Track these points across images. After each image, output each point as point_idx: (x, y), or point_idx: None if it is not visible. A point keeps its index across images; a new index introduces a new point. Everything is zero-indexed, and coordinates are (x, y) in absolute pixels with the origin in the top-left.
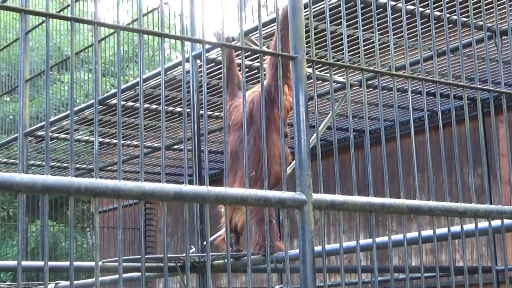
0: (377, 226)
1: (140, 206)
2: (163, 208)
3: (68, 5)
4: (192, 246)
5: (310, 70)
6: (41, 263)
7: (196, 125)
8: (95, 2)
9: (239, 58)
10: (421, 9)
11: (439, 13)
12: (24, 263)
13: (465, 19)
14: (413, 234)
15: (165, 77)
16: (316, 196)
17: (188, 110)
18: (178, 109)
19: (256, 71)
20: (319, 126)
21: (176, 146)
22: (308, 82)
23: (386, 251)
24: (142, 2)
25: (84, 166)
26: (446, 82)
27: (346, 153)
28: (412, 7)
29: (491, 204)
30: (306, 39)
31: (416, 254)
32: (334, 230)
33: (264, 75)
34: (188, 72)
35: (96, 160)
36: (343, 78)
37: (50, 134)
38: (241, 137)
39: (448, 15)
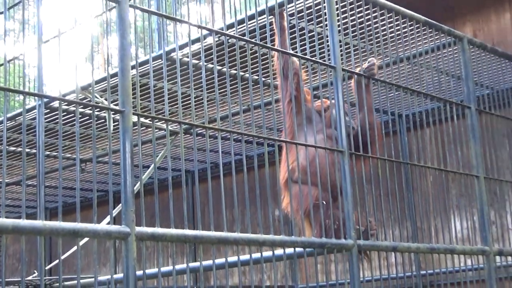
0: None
1: None
2: (2, 240)
3: None
4: (35, 271)
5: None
6: None
7: (41, 165)
8: None
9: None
10: (232, 71)
11: (244, 74)
12: None
13: (268, 80)
14: (222, 260)
15: (14, 121)
16: (138, 229)
17: (35, 151)
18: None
19: None
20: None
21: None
22: (142, 128)
23: (205, 273)
24: None
25: None
26: (250, 134)
27: (178, 189)
28: (223, 68)
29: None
30: (134, 94)
31: (230, 276)
32: (163, 255)
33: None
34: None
35: None
36: (171, 126)
37: None
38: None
39: (256, 76)
